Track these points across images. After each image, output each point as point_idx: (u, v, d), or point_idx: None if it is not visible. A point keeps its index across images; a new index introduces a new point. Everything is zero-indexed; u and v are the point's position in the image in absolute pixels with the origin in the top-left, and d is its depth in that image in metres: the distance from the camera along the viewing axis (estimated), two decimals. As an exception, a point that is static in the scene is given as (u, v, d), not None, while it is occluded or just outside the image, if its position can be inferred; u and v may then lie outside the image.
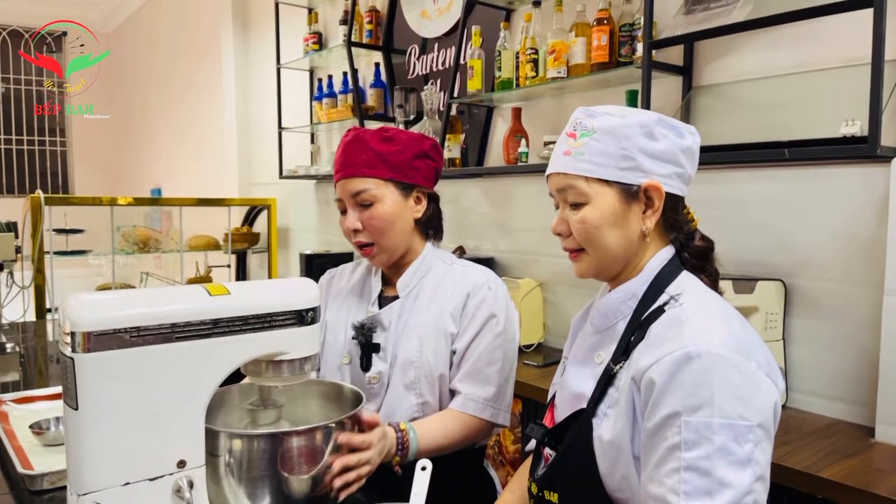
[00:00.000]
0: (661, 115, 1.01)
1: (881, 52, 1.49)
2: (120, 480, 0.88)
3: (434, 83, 3.02)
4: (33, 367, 2.18)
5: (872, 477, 1.40)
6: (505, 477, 2.22)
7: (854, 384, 1.71)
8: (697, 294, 0.98)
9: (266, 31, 4.33)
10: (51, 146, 7.44)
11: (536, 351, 2.47)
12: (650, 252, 1.03)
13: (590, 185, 0.99)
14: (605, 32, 2.15)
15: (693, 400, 0.85)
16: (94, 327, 0.85)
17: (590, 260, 1.03)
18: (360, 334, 1.42)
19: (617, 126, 0.98)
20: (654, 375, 0.88)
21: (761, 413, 0.86)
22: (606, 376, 0.99)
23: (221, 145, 4.95)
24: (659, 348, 0.90)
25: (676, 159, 1.00)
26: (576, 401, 1.04)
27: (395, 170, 1.38)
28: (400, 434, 1.25)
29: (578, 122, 1.02)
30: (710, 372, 0.85)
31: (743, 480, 0.83)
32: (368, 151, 1.37)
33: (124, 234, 3.78)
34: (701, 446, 0.83)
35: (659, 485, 0.86)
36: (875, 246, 1.65)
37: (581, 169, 0.99)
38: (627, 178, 0.98)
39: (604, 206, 0.99)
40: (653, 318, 0.96)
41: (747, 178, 1.93)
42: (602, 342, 1.05)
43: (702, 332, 0.89)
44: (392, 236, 1.39)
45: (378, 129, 1.41)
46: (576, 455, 0.98)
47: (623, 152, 0.98)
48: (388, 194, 1.38)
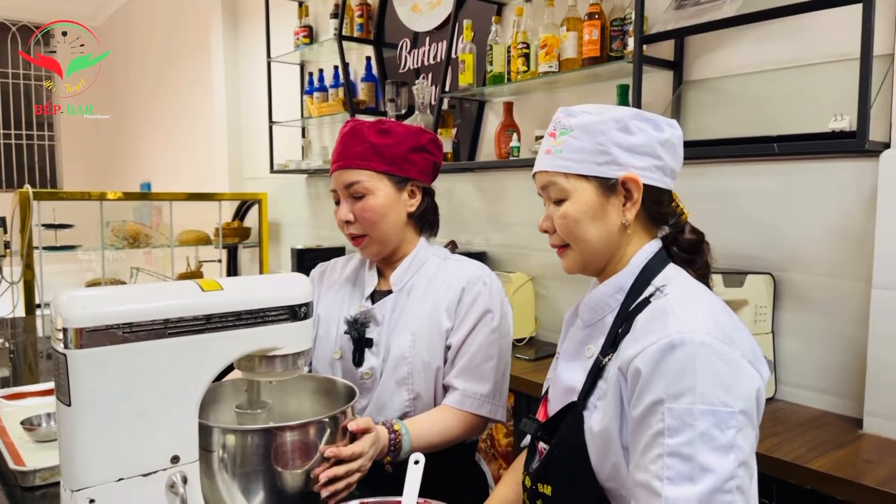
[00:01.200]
0: (639, 110, 1.03)
1: (870, 47, 1.50)
2: (113, 476, 0.89)
3: (425, 77, 3.02)
4: (23, 363, 2.17)
5: (860, 468, 1.42)
6: (497, 471, 2.23)
7: (842, 376, 1.73)
8: (682, 285, 0.99)
9: (256, 24, 4.31)
10: (39, 140, 7.38)
11: (528, 345, 2.48)
12: (635, 245, 1.05)
13: (569, 181, 1.02)
14: (596, 27, 2.15)
15: (676, 387, 0.86)
16: (86, 323, 0.85)
17: (574, 255, 1.06)
18: (353, 329, 1.41)
19: (592, 122, 1.01)
20: (639, 364, 0.90)
21: (743, 400, 0.87)
22: (596, 369, 1.00)
23: (212, 139, 4.93)
24: (644, 339, 0.92)
25: (654, 152, 1.02)
26: (567, 394, 1.06)
27: (389, 162, 1.37)
28: (393, 435, 1.24)
29: (558, 121, 1.05)
30: (693, 359, 0.87)
31: (725, 465, 0.84)
32: (364, 143, 1.37)
33: (114, 229, 3.76)
34: (683, 432, 0.85)
35: (644, 471, 0.88)
36: (863, 240, 1.67)
37: (560, 166, 1.02)
38: (604, 172, 1.01)
39: (582, 201, 1.01)
40: (639, 310, 0.98)
41: (737, 172, 1.94)
42: (591, 336, 1.07)
43: (686, 321, 0.91)
44: (383, 228, 1.39)
45: (375, 121, 1.41)
46: (568, 448, 1.00)
47: (599, 147, 1.00)
48: (382, 187, 1.38)
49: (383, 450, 1.22)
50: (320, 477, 1.04)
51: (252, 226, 4.33)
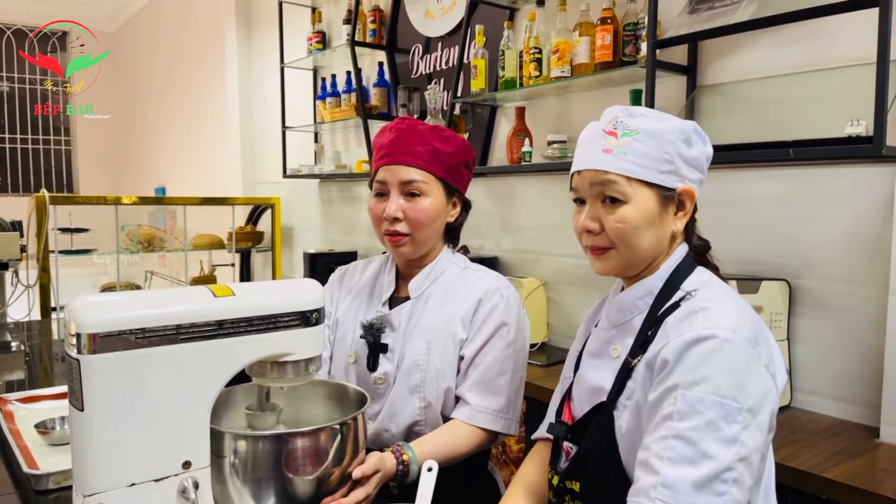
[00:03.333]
0: (696, 124, 1.05)
1: (886, 51, 1.49)
2: (125, 481, 0.89)
3: (437, 82, 3.02)
4: (38, 366, 2.19)
5: (877, 478, 1.40)
6: (508, 476, 2.22)
7: (859, 384, 1.71)
8: (713, 287, 1.02)
9: (269, 30, 4.34)
10: (55, 145, 7.46)
11: (540, 350, 2.47)
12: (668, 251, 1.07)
13: (631, 185, 1.01)
14: (608, 32, 2.15)
15: (693, 375, 0.89)
16: (99, 329, 0.85)
17: (618, 258, 1.05)
18: (369, 334, 1.41)
19: (659, 130, 1.01)
20: (666, 355, 0.93)
21: (753, 399, 0.89)
22: (625, 370, 1.02)
23: (225, 144, 4.96)
24: (673, 335, 0.95)
25: (703, 166, 1.06)
26: (595, 394, 1.07)
27: (447, 170, 1.39)
28: (402, 467, 1.21)
29: (619, 120, 1.03)
30: (716, 352, 0.90)
31: (727, 456, 0.86)
32: (427, 145, 1.37)
33: (129, 233, 3.79)
34: (692, 418, 0.87)
35: (645, 449, 0.91)
36: (880, 246, 1.65)
37: (623, 168, 1.01)
38: (666, 182, 1.01)
39: (643, 207, 1.01)
40: (668, 314, 1.00)
41: (752, 177, 1.92)
42: (618, 335, 1.08)
43: (714, 319, 0.93)
44: (427, 232, 1.39)
45: (434, 127, 1.41)
46: (599, 448, 1.01)
47: (665, 156, 1.01)
48: (436, 192, 1.38)
49: (389, 476, 1.19)
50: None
51: (265, 230, 4.36)
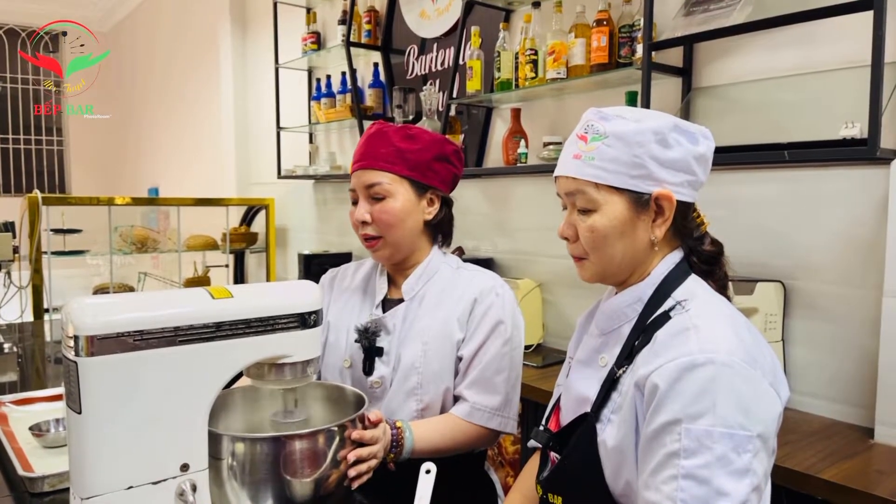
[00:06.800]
0: (677, 120, 0.98)
1: (881, 54, 1.50)
2: (123, 484, 0.88)
3: (433, 83, 3.02)
4: (31, 368, 2.18)
5: (872, 478, 1.40)
6: (504, 478, 2.22)
7: (853, 385, 1.72)
8: (705, 300, 0.96)
9: (264, 30, 4.32)
10: (47, 146, 7.42)
11: (536, 352, 2.47)
12: (658, 257, 1.02)
13: (599, 192, 0.97)
14: (604, 33, 2.15)
15: (695, 408, 0.84)
16: (97, 331, 0.85)
17: (593, 267, 1.02)
18: (364, 338, 1.41)
19: (630, 132, 0.95)
20: (657, 381, 0.88)
21: (762, 423, 0.86)
22: (610, 380, 0.98)
23: (219, 145, 4.95)
24: (664, 354, 0.90)
25: (689, 167, 0.98)
26: (580, 404, 1.04)
27: (413, 168, 1.37)
28: (395, 431, 1.26)
29: (590, 124, 0.98)
30: (715, 381, 0.84)
31: (740, 490, 0.82)
32: (389, 146, 1.37)
33: (122, 233, 3.77)
34: (701, 454, 0.83)
35: (656, 491, 0.86)
36: (874, 248, 1.66)
37: (590, 174, 0.96)
38: (638, 187, 0.96)
39: (612, 215, 0.97)
40: (658, 324, 0.95)
41: (747, 179, 1.93)
42: (606, 344, 1.05)
43: (709, 340, 0.88)
44: (399, 232, 1.38)
45: (402, 126, 1.41)
46: (580, 460, 0.98)
47: (635, 159, 0.95)
48: (402, 191, 1.37)
49: (387, 446, 1.23)
50: (349, 455, 1.09)
51: (259, 231, 4.34)
